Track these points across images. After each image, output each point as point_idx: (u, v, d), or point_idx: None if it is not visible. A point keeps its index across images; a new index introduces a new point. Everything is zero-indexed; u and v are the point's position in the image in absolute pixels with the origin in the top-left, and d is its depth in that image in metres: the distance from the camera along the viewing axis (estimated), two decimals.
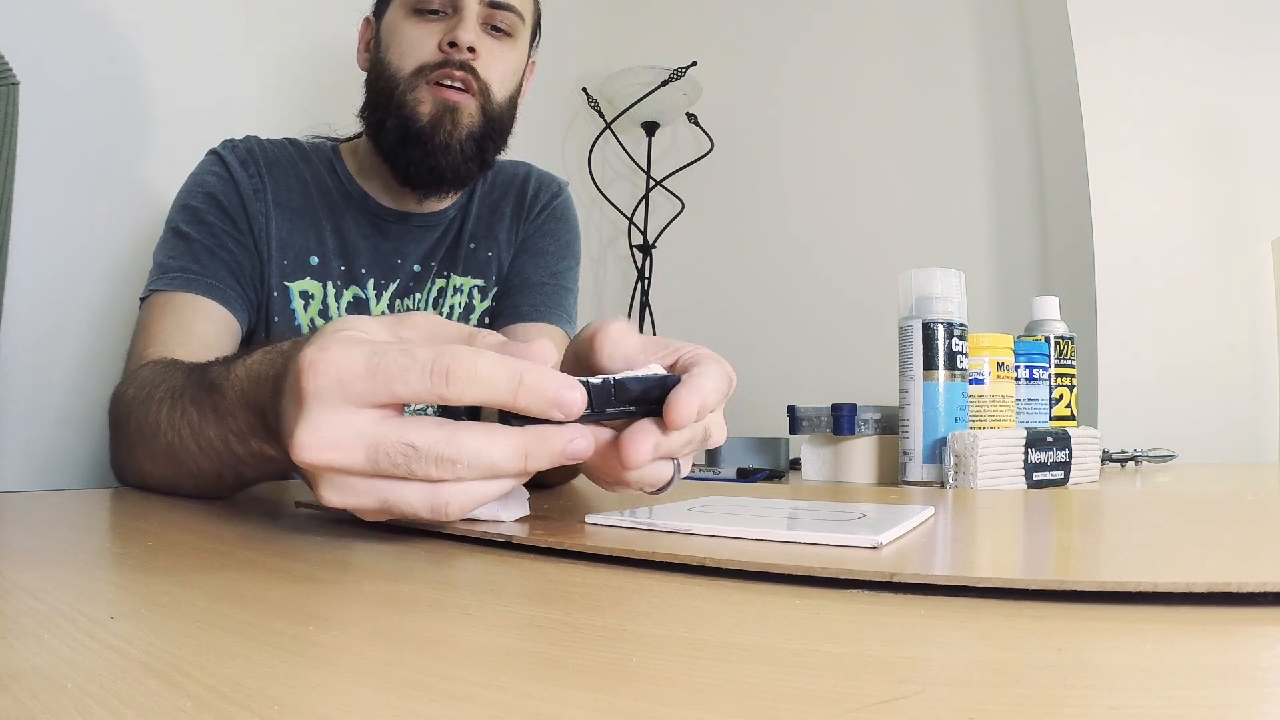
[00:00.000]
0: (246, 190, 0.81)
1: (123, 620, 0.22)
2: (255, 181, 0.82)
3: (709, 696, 0.17)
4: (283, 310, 0.82)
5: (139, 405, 0.56)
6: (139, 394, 0.58)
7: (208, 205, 0.79)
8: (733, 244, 1.99)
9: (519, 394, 0.31)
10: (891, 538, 0.33)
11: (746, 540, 0.34)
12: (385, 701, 0.16)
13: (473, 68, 0.80)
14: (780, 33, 1.95)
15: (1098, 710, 0.16)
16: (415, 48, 0.80)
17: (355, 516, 0.35)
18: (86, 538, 0.39)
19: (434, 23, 0.80)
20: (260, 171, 0.83)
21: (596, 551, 0.33)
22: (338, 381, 0.31)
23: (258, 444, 0.44)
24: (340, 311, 0.84)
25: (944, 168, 1.71)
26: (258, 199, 0.81)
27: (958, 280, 0.73)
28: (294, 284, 0.82)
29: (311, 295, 0.83)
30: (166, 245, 0.78)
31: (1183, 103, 1.45)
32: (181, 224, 0.78)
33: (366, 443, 0.31)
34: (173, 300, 0.74)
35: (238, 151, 0.83)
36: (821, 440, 0.82)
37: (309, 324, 0.82)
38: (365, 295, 0.86)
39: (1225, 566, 0.29)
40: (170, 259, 0.77)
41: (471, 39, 0.79)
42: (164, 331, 0.71)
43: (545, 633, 0.22)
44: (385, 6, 0.84)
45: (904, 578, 0.26)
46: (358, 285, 0.86)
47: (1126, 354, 1.42)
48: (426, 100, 0.79)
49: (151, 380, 0.57)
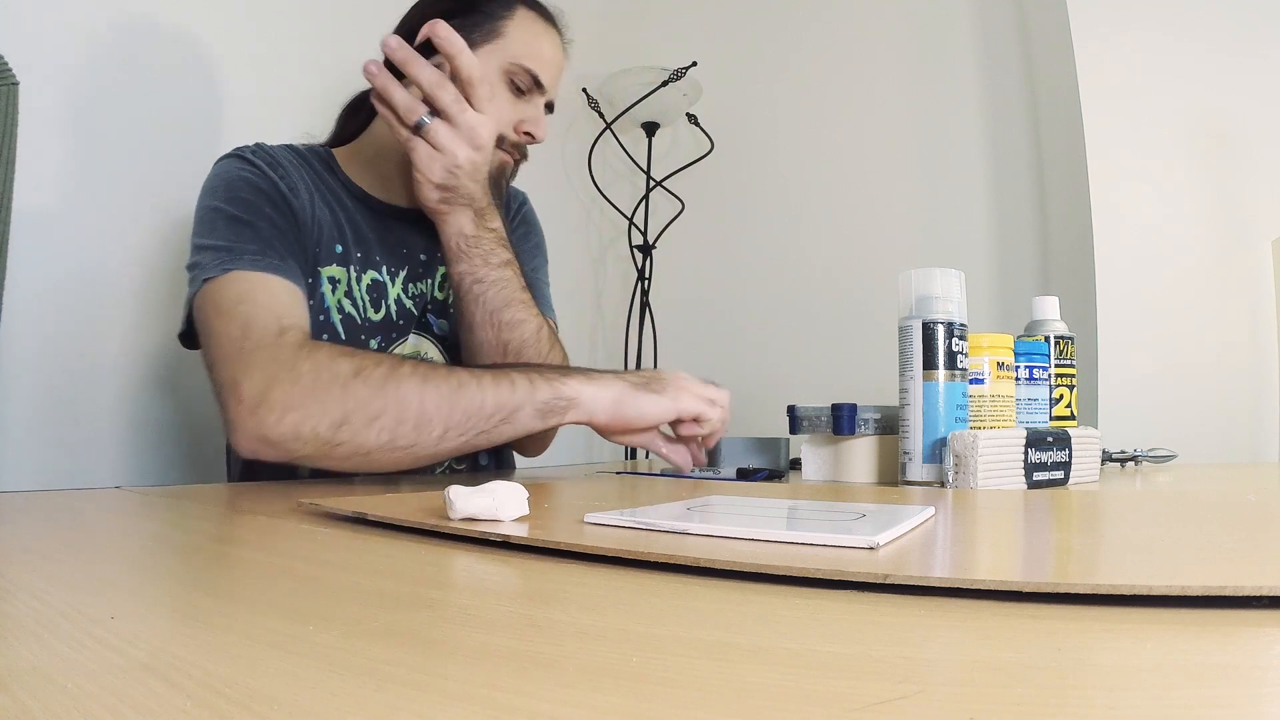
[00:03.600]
0: (282, 187, 0.83)
1: (123, 620, 0.22)
2: (282, 179, 0.84)
3: (709, 696, 0.17)
4: (313, 293, 0.84)
5: (389, 359, 0.68)
6: (374, 353, 0.71)
7: (257, 197, 0.80)
8: (733, 244, 1.99)
9: None
10: (889, 538, 0.33)
11: (744, 540, 0.34)
12: (385, 701, 0.16)
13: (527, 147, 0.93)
14: (780, 33, 1.95)
15: (1098, 710, 0.16)
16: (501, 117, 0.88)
17: (358, 516, 0.34)
18: (86, 538, 0.39)
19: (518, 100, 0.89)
20: (280, 172, 0.85)
21: (595, 551, 0.33)
22: None
23: (574, 384, 0.72)
24: (362, 293, 0.88)
25: (944, 168, 1.71)
26: (292, 195, 0.84)
27: (958, 280, 0.73)
28: (324, 269, 0.86)
29: (338, 280, 0.87)
30: (225, 230, 0.77)
31: (1183, 103, 1.45)
32: (236, 209, 0.78)
33: None
34: (267, 282, 0.74)
35: (258, 155, 0.85)
36: (821, 440, 0.82)
37: (336, 305, 0.86)
38: (382, 278, 0.90)
39: (1223, 569, 0.29)
40: (237, 243, 0.76)
41: (544, 136, 0.92)
42: (290, 311, 0.73)
43: (545, 633, 0.22)
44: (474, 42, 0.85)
45: (898, 579, 0.26)
46: (374, 269, 0.90)
47: (1126, 354, 1.42)
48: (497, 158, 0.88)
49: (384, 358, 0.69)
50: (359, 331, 0.88)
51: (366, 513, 0.44)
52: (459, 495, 0.41)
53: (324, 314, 0.86)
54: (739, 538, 0.35)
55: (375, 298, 0.90)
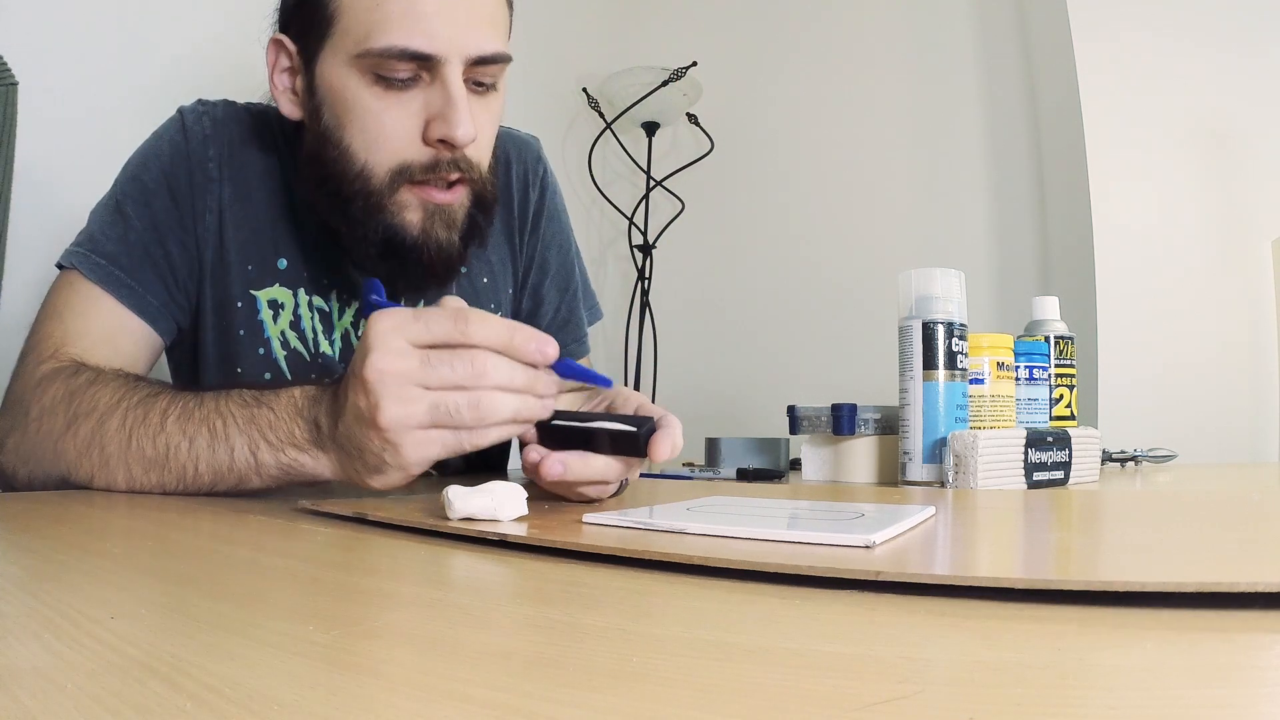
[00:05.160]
0: (199, 178, 0.70)
1: (123, 620, 0.22)
2: (213, 167, 0.71)
3: (709, 696, 0.17)
4: (248, 323, 0.72)
5: (105, 403, 0.57)
6: (95, 391, 0.58)
7: (158, 186, 0.69)
8: (733, 244, 1.99)
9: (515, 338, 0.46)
10: (886, 537, 0.33)
11: (742, 540, 0.34)
12: (385, 701, 0.16)
13: (465, 156, 0.65)
14: (780, 33, 1.95)
15: (1098, 710, 0.16)
16: (389, 138, 0.63)
17: (358, 517, 0.35)
18: (86, 538, 0.39)
19: (405, 94, 0.63)
20: (222, 155, 0.72)
21: (593, 550, 0.33)
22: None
23: (293, 453, 0.52)
24: (313, 321, 0.74)
25: (944, 168, 1.71)
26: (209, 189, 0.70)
27: (958, 280, 0.73)
28: (262, 292, 0.72)
29: (281, 304, 0.73)
30: (106, 216, 0.69)
31: (1183, 103, 1.45)
32: (126, 201, 0.69)
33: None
34: (97, 301, 0.66)
35: (203, 123, 0.72)
36: (821, 440, 0.82)
37: (279, 338, 0.73)
38: (328, 308, 0.75)
39: (1222, 567, 0.29)
40: (104, 236, 0.68)
41: (470, 131, 0.62)
42: (88, 335, 0.65)
43: (545, 633, 0.22)
44: (314, 45, 0.65)
45: (891, 576, 0.26)
46: (321, 296, 0.74)
47: (1126, 354, 1.42)
48: (412, 206, 0.65)
49: (116, 384, 0.59)
50: (308, 370, 0.73)
51: (367, 513, 0.44)
52: (458, 495, 0.41)
53: (264, 347, 0.72)
54: (737, 537, 0.35)
55: (327, 327, 0.75)
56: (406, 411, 0.45)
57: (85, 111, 1.08)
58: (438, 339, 0.45)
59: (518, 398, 0.46)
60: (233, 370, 0.73)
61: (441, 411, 0.45)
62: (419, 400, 0.45)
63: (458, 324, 0.45)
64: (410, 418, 0.45)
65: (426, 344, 0.45)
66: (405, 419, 0.45)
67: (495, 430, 0.46)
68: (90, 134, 1.08)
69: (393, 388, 0.45)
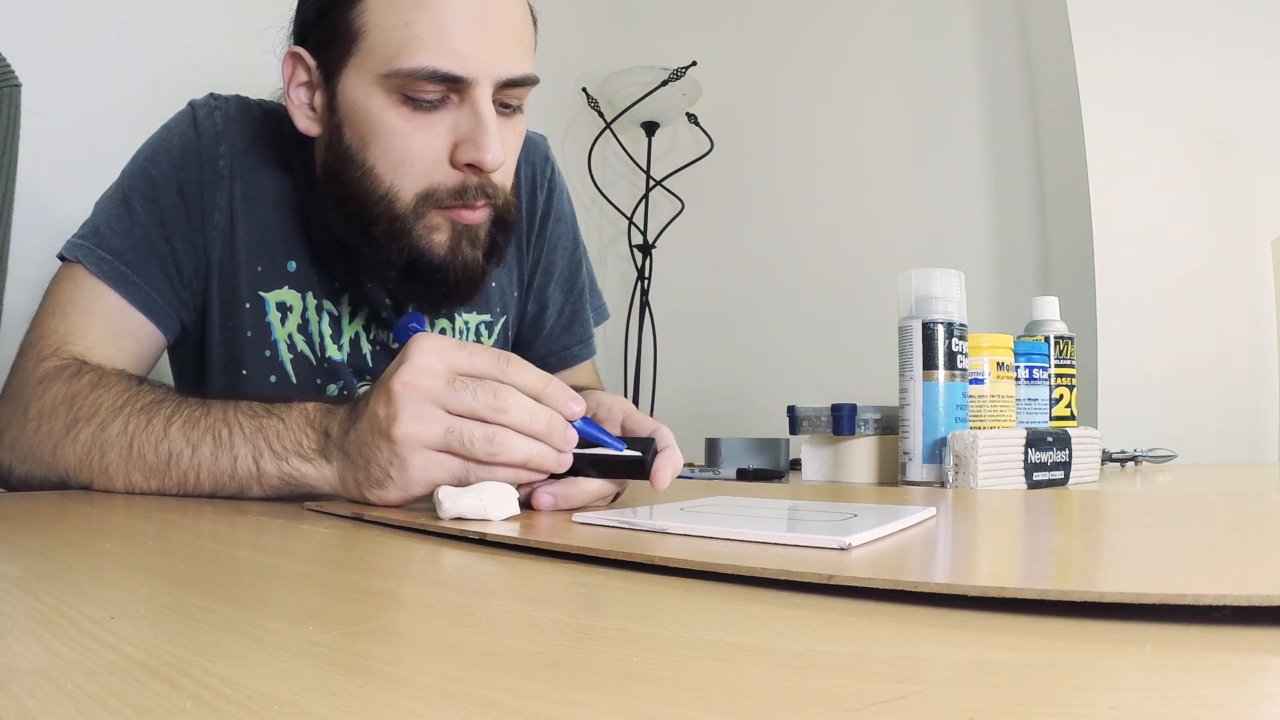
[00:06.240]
0: (209, 175, 0.69)
1: (123, 620, 0.22)
2: (224, 165, 0.70)
3: (709, 696, 0.17)
4: (256, 325, 0.72)
5: (107, 408, 0.57)
6: (98, 395, 0.58)
7: (167, 181, 0.68)
8: (733, 244, 1.99)
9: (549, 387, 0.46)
10: (864, 540, 0.33)
11: (720, 540, 0.34)
12: (385, 701, 0.16)
13: (491, 181, 0.65)
14: (780, 33, 1.95)
15: (1098, 710, 0.16)
16: (416, 160, 0.63)
17: (358, 516, 0.35)
18: (86, 538, 0.39)
19: (433, 116, 0.62)
20: (234, 152, 0.71)
21: (568, 550, 0.33)
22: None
23: (296, 463, 0.51)
24: (321, 326, 0.74)
25: (944, 168, 1.71)
26: (220, 186, 0.70)
27: (958, 280, 0.73)
28: (271, 294, 0.72)
29: (290, 307, 0.72)
30: (111, 209, 0.68)
31: (1183, 103, 1.45)
32: (134, 195, 0.68)
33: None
34: (101, 297, 0.66)
35: (215, 118, 0.71)
36: (821, 440, 0.82)
37: (286, 341, 0.73)
38: (338, 312, 0.75)
39: (1223, 576, 0.29)
40: (109, 230, 0.67)
41: (500, 156, 0.62)
42: (91, 333, 0.65)
43: (545, 633, 0.22)
44: (337, 61, 0.64)
45: (841, 580, 0.26)
46: (331, 300, 0.74)
47: (1126, 354, 1.42)
48: (441, 228, 0.65)
49: (119, 388, 0.58)
50: (314, 374, 0.73)
51: (364, 513, 0.44)
52: (448, 496, 0.41)
53: (270, 349, 0.72)
54: (716, 538, 0.35)
55: (336, 332, 0.75)
56: (422, 429, 0.44)
57: (89, 113, 1.08)
58: (478, 371, 0.45)
59: (534, 444, 0.45)
60: (238, 371, 0.72)
61: (456, 438, 0.44)
62: (437, 421, 0.44)
63: (499, 363, 0.45)
64: (424, 436, 0.44)
65: (465, 373, 0.45)
66: (418, 436, 0.44)
67: (505, 471, 0.45)
68: (94, 136, 1.08)
69: (414, 403, 0.44)
